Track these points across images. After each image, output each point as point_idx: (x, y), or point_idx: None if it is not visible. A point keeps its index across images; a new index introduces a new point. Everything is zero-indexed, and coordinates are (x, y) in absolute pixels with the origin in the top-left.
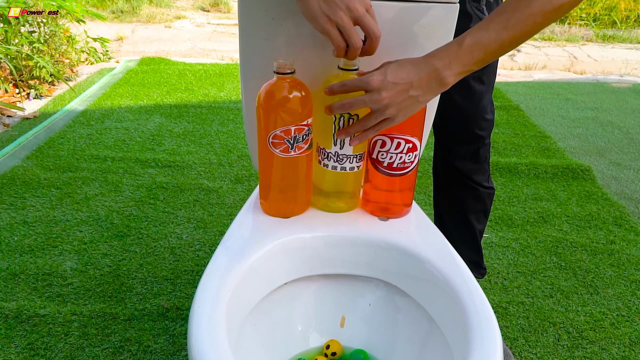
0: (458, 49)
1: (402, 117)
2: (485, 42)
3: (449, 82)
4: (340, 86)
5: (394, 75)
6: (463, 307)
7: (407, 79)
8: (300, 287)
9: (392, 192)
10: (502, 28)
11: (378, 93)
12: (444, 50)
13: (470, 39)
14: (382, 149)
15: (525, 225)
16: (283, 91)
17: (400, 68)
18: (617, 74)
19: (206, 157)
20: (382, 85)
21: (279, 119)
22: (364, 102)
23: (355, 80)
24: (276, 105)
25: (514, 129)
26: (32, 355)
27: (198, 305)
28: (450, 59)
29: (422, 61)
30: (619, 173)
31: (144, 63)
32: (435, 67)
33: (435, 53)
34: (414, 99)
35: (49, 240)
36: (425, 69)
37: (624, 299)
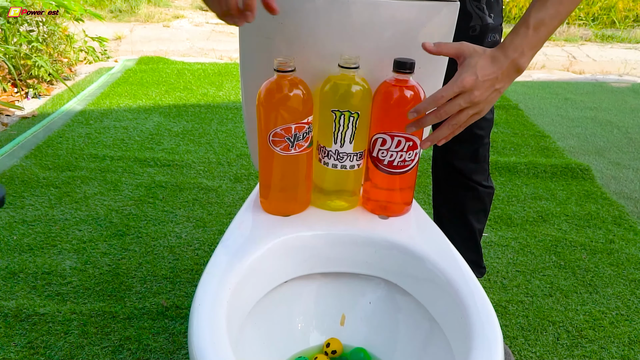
0: (526, 33)
1: (488, 109)
2: (547, 20)
3: (525, 67)
4: (436, 99)
5: (483, 73)
6: (464, 306)
7: (493, 75)
8: (301, 286)
9: (393, 190)
10: (558, 2)
11: (472, 93)
12: (516, 38)
13: (534, 20)
14: (383, 147)
15: (524, 224)
16: (284, 89)
17: (486, 65)
18: (616, 73)
19: (205, 156)
20: (475, 85)
21: (280, 117)
22: (460, 105)
23: (451, 88)
24: (277, 103)
25: (513, 129)
26: (32, 353)
27: (198, 303)
28: (523, 46)
29: (500, 54)
30: (618, 172)
31: (143, 62)
32: (513, 58)
33: (509, 43)
34: (498, 92)
35: (48, 239)
36: (506, 61)
37: (624, 298)
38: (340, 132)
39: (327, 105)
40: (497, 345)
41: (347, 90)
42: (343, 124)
